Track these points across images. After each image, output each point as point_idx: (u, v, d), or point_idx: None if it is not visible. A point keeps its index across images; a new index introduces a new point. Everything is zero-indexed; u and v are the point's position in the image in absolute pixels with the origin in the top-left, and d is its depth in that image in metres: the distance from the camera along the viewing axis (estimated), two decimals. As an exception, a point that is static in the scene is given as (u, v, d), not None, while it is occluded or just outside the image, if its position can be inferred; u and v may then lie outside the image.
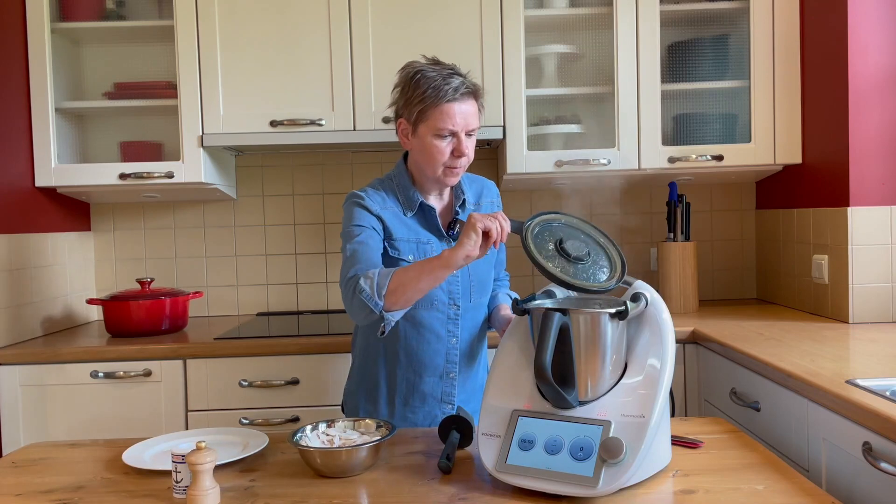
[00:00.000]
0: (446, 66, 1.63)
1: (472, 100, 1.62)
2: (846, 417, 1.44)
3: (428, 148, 1.62)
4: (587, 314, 1.25)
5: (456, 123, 1.59)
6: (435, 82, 1.58)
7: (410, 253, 1.68)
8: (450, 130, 1.59)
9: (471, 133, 1.63)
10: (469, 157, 1.64)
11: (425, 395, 1.75)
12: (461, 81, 1.59)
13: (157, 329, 2.53)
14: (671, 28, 2.80)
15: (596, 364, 1.25)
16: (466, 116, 1.60)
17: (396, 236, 1.68)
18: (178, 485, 1.25)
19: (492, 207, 1.80)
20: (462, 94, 1.59)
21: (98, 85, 2.87)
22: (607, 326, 1.25)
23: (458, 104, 1.59)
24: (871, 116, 2.29)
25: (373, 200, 1.69)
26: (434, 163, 1.63)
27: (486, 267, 1.76)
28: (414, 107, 1.61)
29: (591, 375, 1.26)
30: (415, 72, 1.62)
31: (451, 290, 1.71)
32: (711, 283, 3.02)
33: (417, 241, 1.69)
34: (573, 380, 1.26)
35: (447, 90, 1.57)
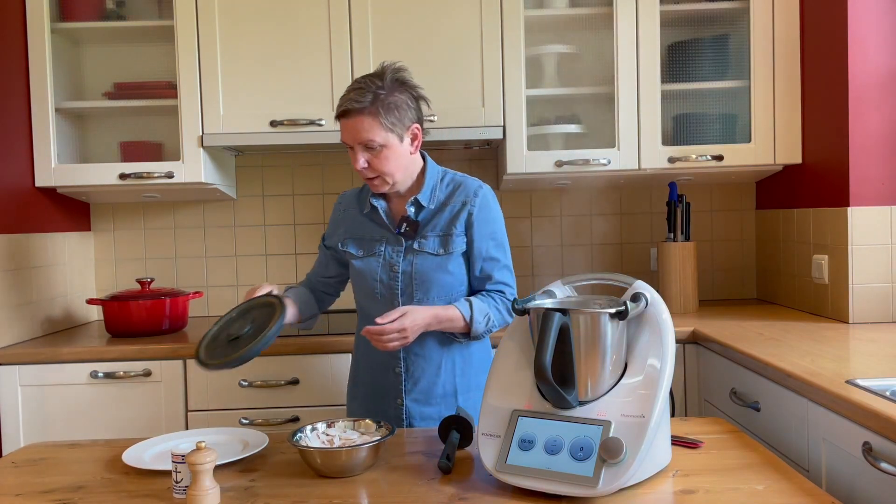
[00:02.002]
0: (358, 82, 1.67)
1: (361, 116, 1.63)
2: (846, 417, 1.44)
3: None
4: (587, 314, 1.25)
5: (344, 137, 1.68)
6: (342, 96, 1.67)
7: (360, 250, 1.80)
8: (345, 142, 1.69)
9: (369, 146, 1.66)
10: (377, 167, 1.67)
11: (376, 388, 1.82)
12: (350, 98, 1.64)
13: (157, 329, 2.53)
14: (671, 28, 2.80)
15: (596, 364, 1.25)
16: (352, 131, 1.65)
17: (348, 235, 1.83)
18: (178, 485, 1.25)
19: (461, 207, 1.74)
20: (345, 110, 1.65)
21: (98, 85, 2.87)
22: (607, 326, 1.25)
23: (344, 120, 1.66)
24: (871, 116, 2.29)
25: (343, 200, 1.90)
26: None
27: (434, 266, 1.73)
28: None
29: (591, 375, 1.26)
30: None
31: (390, 284, 1.76)
32: (711, 283, 3.02)
33: (370, 238, 1.79)
34: (573, 380, 1.26)
35: (337, 106, 1.67)
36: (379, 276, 1.76)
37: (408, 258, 1.74)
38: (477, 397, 1.85)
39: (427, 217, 1.76)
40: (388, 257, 1.76)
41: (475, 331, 1.71)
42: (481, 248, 1.76)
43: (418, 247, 1.74)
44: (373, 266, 1.77)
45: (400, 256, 1.75)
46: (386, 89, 1.65)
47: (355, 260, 1.80)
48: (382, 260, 1.76)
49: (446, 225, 1.74)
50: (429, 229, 1.75)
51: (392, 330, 1.60)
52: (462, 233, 1.74)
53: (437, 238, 1.74)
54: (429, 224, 1.76)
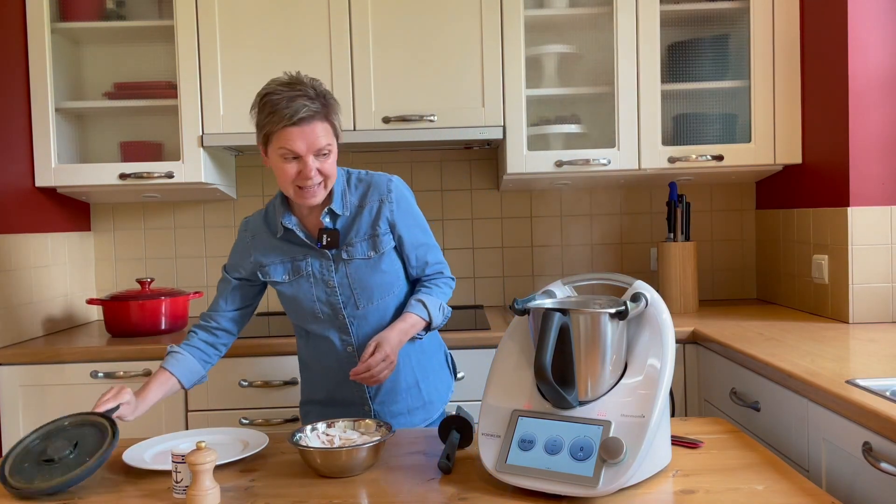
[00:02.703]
0: (297, 87, 1.56)
1: (317, 122, 1.56)
2: (846, 417, 1.44)
3: (277, 169, 1.60)
4: (587, 314, 1.26)
5: (297, 147, 1.55)
6: (278, 106, 1.54)
7: (285, 273, 1.72)
8: (292, 153, 1.56)
9: (323, 153, 1.58)
10: (326, 173, 1.60)
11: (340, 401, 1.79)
12: (302, 104, 1.54)
13: (157, 329, 2.53)
14: (671, 28, 2.80)
15: (596, 364, 1.25)
16: (308, 139, 1.55)
17: (266, 262, 1.73)
18: (178, 485, 1.25)
19: (379, 206, 1.71)
20: (301, 118, 1.54)
21: (98, 85, 2.87)
22: (607, 326, 1.25)
23: (300, 128, 1.54)
24: (871, 116, 2.29)
25: (248, 228, 1.79)
26: (284, 183, 1.61)
27: (369, 270, 1.70)
28: (261, 130, 1.59)
29: (591, 375, 1.26)
30: (264, 94, 1.58)
31: (330, 300, 1.71)
32: (711, 283, 3.02)
33: (293, 260, 1.71)
34: (573, 380, 1.26)
35: (286, 114, 1.53)
36: (316, 296, 1.71)
37: (340, 269, 1.70)
38: (438, 378, 1.86)
39: (345, 224, 1.70)
40: (319, 274, 1.70)
41: (436, 325, 1.75)
42: (411, 238, 1.75)
43: (347, 255, 1.69)
44: (305, 287, 1.71)
45: (331, 270, 1.70)
46: (318, 91, 1.58)
47: (283, 286, 1.73)
48: (313, 279, 1.71)
49: (369, 227, 1.70)
50: (352, 235, 1.70)
51: (377, 362, 1.58)
52: (387, 231, 1.72)
53: (364, 242, 1.70)
54: (350, 230, 1.70)
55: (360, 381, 1.61)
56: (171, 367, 1.68)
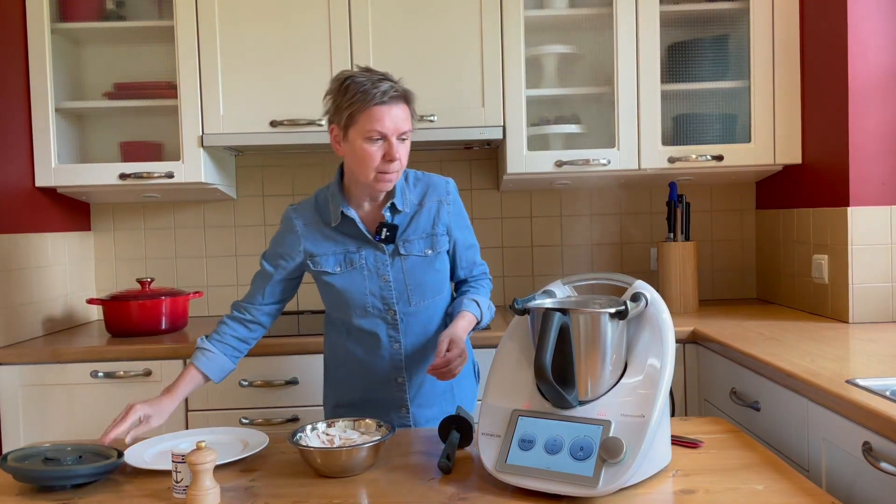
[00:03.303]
0: (377, 73, 1.61)
1: (403, 104, 1.60)
2: (846, 417, 1.44)
3: (359, 152, 1.60)
4: (587, 314, 1.26)
5: (385, 126, 1.57)
6: (364, 86, 1.57)
7: (337, 265, 1.70)
8: (380, 133, 1.58)
9: (402, 137, 1.61)
10: (402, 161, 1.62)
11: (377, 401, 1.77)
12: (390, 85, 1.58)
13: (157, 329, 2.53)
14: (671, 28, 2.80)
15: (596, 364, 1.26)
16: (396, 120, 1.58)
17: (317, 252, 1.71)
18: (178, 485, 1.25)
19: (437, 207, 1.73)
20: (391, 97, 1.57)
21: (98, 85, 2.87)
22: (607, 326, 1.25)
23: (388, 107, 1.57)
24: (871, 116, 2.29)
25: (299, 215, 1.75)
26: (366, 168, 1.61)
27: (424, 268, 1.72)
28: (344, 111, 1.59)
29: (591, 375, 1.26)
30: (346, 77, 1.61)
31: (383, 295, 1.70)
32: (711, 283, 3.02)
33: (346, 252, 1.70)
34: (573, 380, 1.26)
35: (375, 93, 1.56)
36: (369, 289, 1.70)
37: (395, 264, 1.70)
38: (468, 383, 1.87)
39: (404, 220, 1.71)
40: (374, 267, 1.70)
41: (484, 325, 1.80)
42: (463, 240, 1.79)
43: (404, 251, 1.70)
44: (358, 280, 1.70)
45: (386, 264, 1.70)
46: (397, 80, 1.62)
47: (334, 277, 1.71)
48: (367, 271, 1.70)
49: (429, 226, 1.72)
50: (409, 232, 1.71)
51: (455, 356, 1.58)
52: (444, 232, 1.74)
53: (422, 240, 1.71)
54: (408, 227, 1.71)
55: (436, 377, 1.58)
56: (201, 366, 1.70)
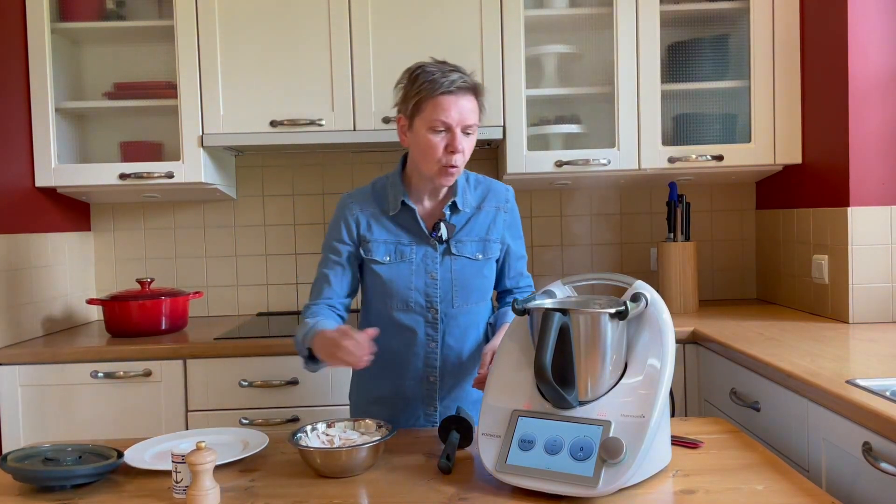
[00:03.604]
0: (449, 65, 1.61)
1: (471, 96, 1.58)
2: (846, 417, 1.44)
3: (422, 143, 1.58)
4: (587, 314, 1.26)
5: (451, 116, 1.55)
6: (433, 76, 1.56)
7: (387, 255, 1.67)
8: (443, 123, 1.55)
9: (468, 131, 1.59)
10: (465, 154, 1.60)
11: (407, 396, 1.75)
12: (459, 76, 1.57)
13: (157, 329, 2.53)
14: (671, 28, 2.80)
15: (596, 364, 1.25)
16: (462, 111, 1.56)
17: (371, 238, 1.68)
18: (178, 485, 1.25)
19: (495, 213, 1.73)
20: (458, 87, 1.55)
21: (98, 85, 2.87)
22: (607, 326, 1.25)
23: (455, 97, 1.55)
24: (871, 116, 2.29)
25: (354, 201, 1.71)
26: (429, 159, 1.59)
27: (473, 272, 1.69)
28: (411, 99, 1.59)
29: (592, 375, 1.26)
30: (417, 67, 1.61)
31: (427, 292, 1.67)
32: (711, 283, 3.02)
33: (397, 243, 1.68)
34: (573, 380, 1.26)
35: (444, 82, 1.55)
36: (414, 284, 1.66)
37: (445, 263, 1.67)
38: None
39: (461, 221, 1.69)
40: (422, 263, 1.67)
41: None
42: (516, 249, 1.77)
43: (456, 251, 1.67)
44: (405, 273, 1.67)
45: (437, 262, 1.67)
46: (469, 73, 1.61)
47: (382, 267, 1.67)
48: (414, 266, 1.66)
49: (483, 230, 1.70)
50: (464, 234, 1.68)
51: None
52: (498, 240, 1.72)
53: (475, 243, 1.69)
54: (463, 228, 1.69)
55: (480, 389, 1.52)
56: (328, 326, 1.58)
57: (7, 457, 1.34)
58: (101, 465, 1.31)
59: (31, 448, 1.40)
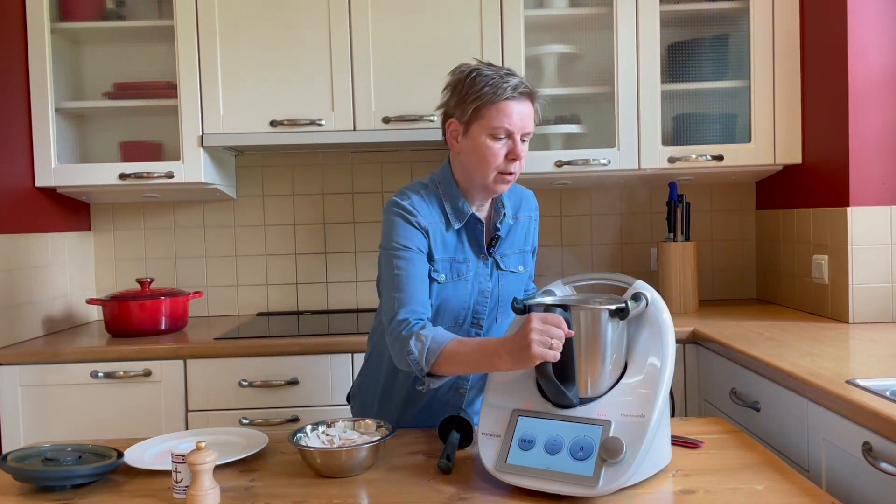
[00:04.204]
0: (503, 68, 1.54)
1: (529, 102, 1.52)
2: (846, 417, 1.44)
3: (481, 149, 1.50)
4: (588, 310, 1.26)
5: (513, 123, 1.48)
6: (493, 80, 1.48)
7: (443, 272, 1.56)
8: (506, 130, 1.49)
9: (525, 137, 1.53)
10: (522, 162, 1.54)
11: (432, 403, 1.71)
12: (519, 81, 1.50)
13: (157, 329, 2.53)
14: (671, 28, 2.80)
15: (596, 361, 1.26)
16: (524, 117, 1.50)
17: (435, 256, 1.55)
18: (178, 485, 1.25)
19: (528, 223, 1.69)
20: (521, 93, 1.49)
21: (98, 85, 2.87)
22: (608, 324, 1.25)
23: (517, 103, 1.49)
24: (871, 116, 2.29)
25: (420, 214, 1.54)
26: (487, 166, 1.51)
27: (517, 285, 1.67)
28: (469, 104, 1.50)
29: (592, 373, 1.26)
30: (471, 70, 1.52)
31: (476, 309, 1.61)
32: (711, 283, 3.02)
33: (452, 260, 1.57)
34: (574, 377, 1.26)
35: (506, 88, 1.47)
36: (467, 303, 1.59)
37: (494, 278, 1.61)
38: None
39: (505, 232, 1.64)
40: (475, 280, 1.59)
41: None
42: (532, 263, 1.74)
43: (504, 266, 1.62)
44: (461, 291, 1.58)
45: (487, 278, 1.60)
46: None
47: (438, 285, 1.56)
48: (470, 284, 1.58)
49: (521, 241, 1.66)
50: (506, 246, 1.63)
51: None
52: (530, 250, 1.70)
53: (517, 255, 1.65)
54: (506, 241, 1.63)
55: None
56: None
57: (7, 457, 1.34)
58: (101, 465, 1.31)
59: (31, 448, 1.40)
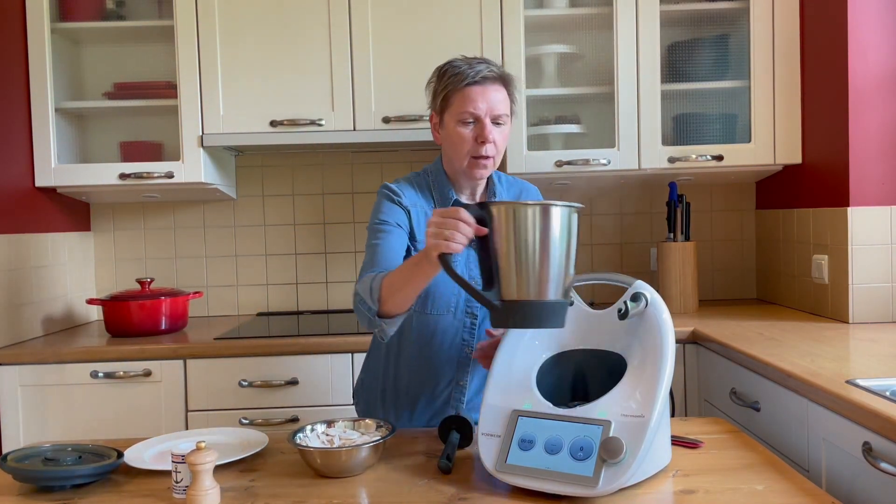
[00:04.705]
0: (478, 58, 1.60)
1: (499, 85, 1.56)
2: (846, 417, 1.44)
3: (452, 136, 1.57)
4: (500, 206, 1.23)
5: (478, 107, 1.54)
6: (460, 69, 1.55)
7: None
8: (471, 114, 1.54)
9: (498, 121, 1.56)
10: (497, 145, 1.57)
11: (432, 398, 1.72)
12: (486, 66, 1.55)
13: (157, 329, 2.53)
14: (671, 28, 2.80)
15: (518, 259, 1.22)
16: (490, 100, 1.54)
17: (419, 237, 1.62)
18: (178, 485, 1.24)
19: None
20: (484, 76, 1.54)
21: (98, 85, 2.87)
22: (529, 220, 1.21)
23: (481, 87, 1.54)
24: (871, 116, 2.29)
25: (405, 195, 1.63)
26: (459, 151, 1.57)
27: None
28: (439, 95, 1.58)
29: (519, 272, 1.22)
30: (444, 64, 1.61)
31: (469, 297, 1.64)
32: (711, 283, 3.02)
33: None
34: (494, 277, 1.24)
35: (469, 73, 1.54)
36: (458, 288, 1.62)
37: None
38: None
39: None
40: (465, 266, 1.63)
41: None
42: None
43: None
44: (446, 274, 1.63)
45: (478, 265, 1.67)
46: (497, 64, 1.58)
47: None
48: (460, 268, 1.61)
49: None
50: None
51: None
52: None
53: None
54: None
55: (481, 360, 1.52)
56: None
57: (7, 457, 1.34)
58: (101, 465, 1.31)
59: (31, 448, 1.40)
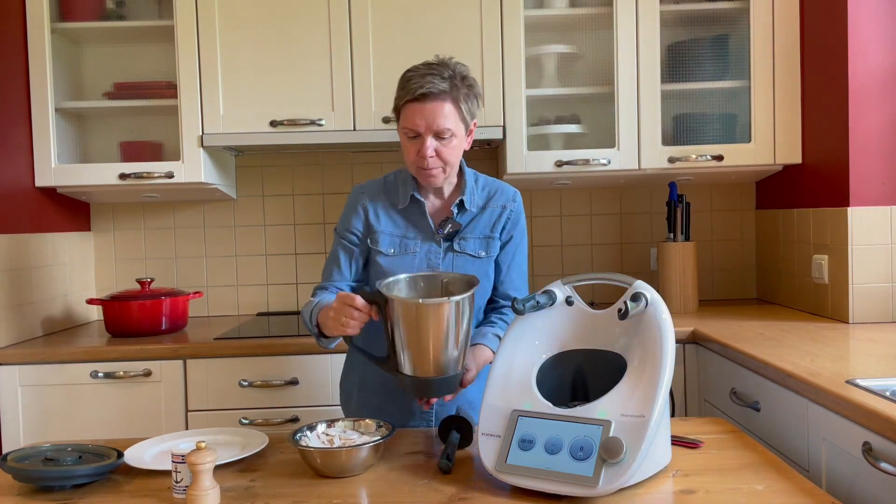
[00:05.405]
0: (434, 66, 1.57)
1: (442, 101, 1.55)
2: (846, 417, 1.44)
3: (402, 147, 1.64)
4: (393, 300, 1.40)
5: (416, 124, 1.56)
6: (409, 82, 1.56)
7: (391, 247, 1.69)
8: (412, 130, 1.58)
9: (442, 135, 1.57)
10: (444, 157, 1.59)
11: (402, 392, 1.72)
12: (436, 78, 1.54)
13: (157, 329, 2.53)
14: (671, 28, 2.80)
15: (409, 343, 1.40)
16: (429, 117, 1.55)
17: (378, 229, 1.70)
18: (178, 485, 1.25)
19: (501, 211, 1.72)
20: (425, 93, 1.53)
21: (98, 85, 2.87)
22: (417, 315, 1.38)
23: (420, 104, 1.55)
24: (871, 116, 2.29)
25: (365, 192, 1.73)
26: (408, 162, 1.64)
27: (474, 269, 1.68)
28: (395, 105, 1.63)
29: (411, 353, 1.41)
30: (406, 70, 1.61)
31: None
32: (711, 283, 3.02)
33: (403, 237, 1.69)
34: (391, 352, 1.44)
35: (411, 89, 1.55)
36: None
37: (447, 260, 1.68)
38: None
39: (465, 220, 1.70)
40: (425, 258, 1.68)
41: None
42: (520, 259, 1.76)
43: (458, 248, 1.68)
44: (407, 266, 1.66)
45: (439, 258, 1.68)
46: (458, 78, 1.58)
47: (383, 257, 1.68)
48: (417, 260, 1.67)
49: (488, 228, 1.71)
50: (467, 231, 1.70)
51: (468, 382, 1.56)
52: (498, 237, 1.72)
53: (478, 240, 1.70)
54: (467, 227, 1.70)
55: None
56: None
57: (7, 457, 1.34)
58: (101, 465, 1.31)
59: (31, 448, 1.40)
